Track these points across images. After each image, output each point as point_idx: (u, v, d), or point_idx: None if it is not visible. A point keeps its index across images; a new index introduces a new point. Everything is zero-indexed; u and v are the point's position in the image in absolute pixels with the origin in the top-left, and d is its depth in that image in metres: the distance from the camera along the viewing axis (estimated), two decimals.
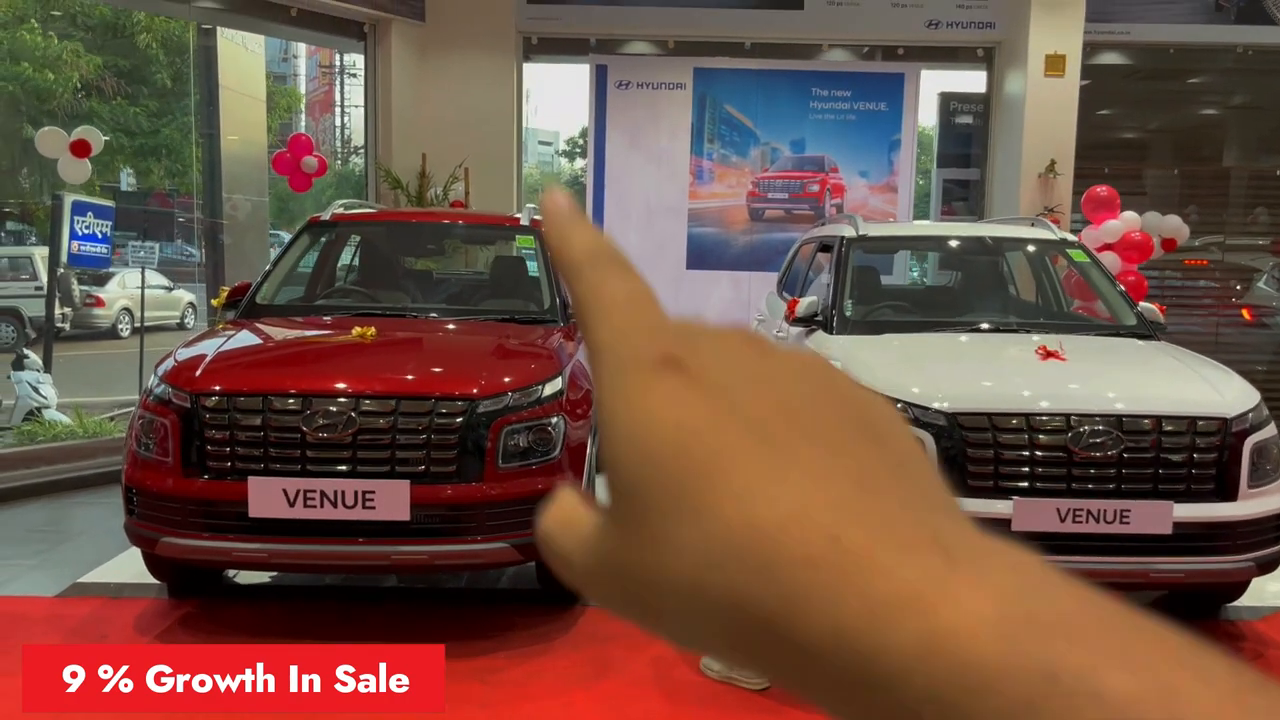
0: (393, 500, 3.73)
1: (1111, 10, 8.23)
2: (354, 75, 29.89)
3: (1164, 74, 9.67)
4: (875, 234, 5.60)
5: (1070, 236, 5.72)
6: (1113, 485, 3.80)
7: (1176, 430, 3.84)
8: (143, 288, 8.68)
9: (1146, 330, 4.87)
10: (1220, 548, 3.86)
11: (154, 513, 3.86)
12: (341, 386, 3.88)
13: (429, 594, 4.57)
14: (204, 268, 9.23)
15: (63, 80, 14.60)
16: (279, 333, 4.67)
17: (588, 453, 4.31)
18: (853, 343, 4.68)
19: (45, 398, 7.36)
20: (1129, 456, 3.79)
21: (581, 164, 30.09)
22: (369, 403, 3.82)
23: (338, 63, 30.94)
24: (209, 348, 4.21)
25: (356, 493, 3.73)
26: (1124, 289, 5.37)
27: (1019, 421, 3.85)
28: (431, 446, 3.80)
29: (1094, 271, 5.38)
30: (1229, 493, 3.85)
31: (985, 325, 4.97)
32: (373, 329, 4.30)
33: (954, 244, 6.09)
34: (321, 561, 3.96)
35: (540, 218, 0.33)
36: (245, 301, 4.93)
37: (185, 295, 15.00)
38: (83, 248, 7.36)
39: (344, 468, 3.77)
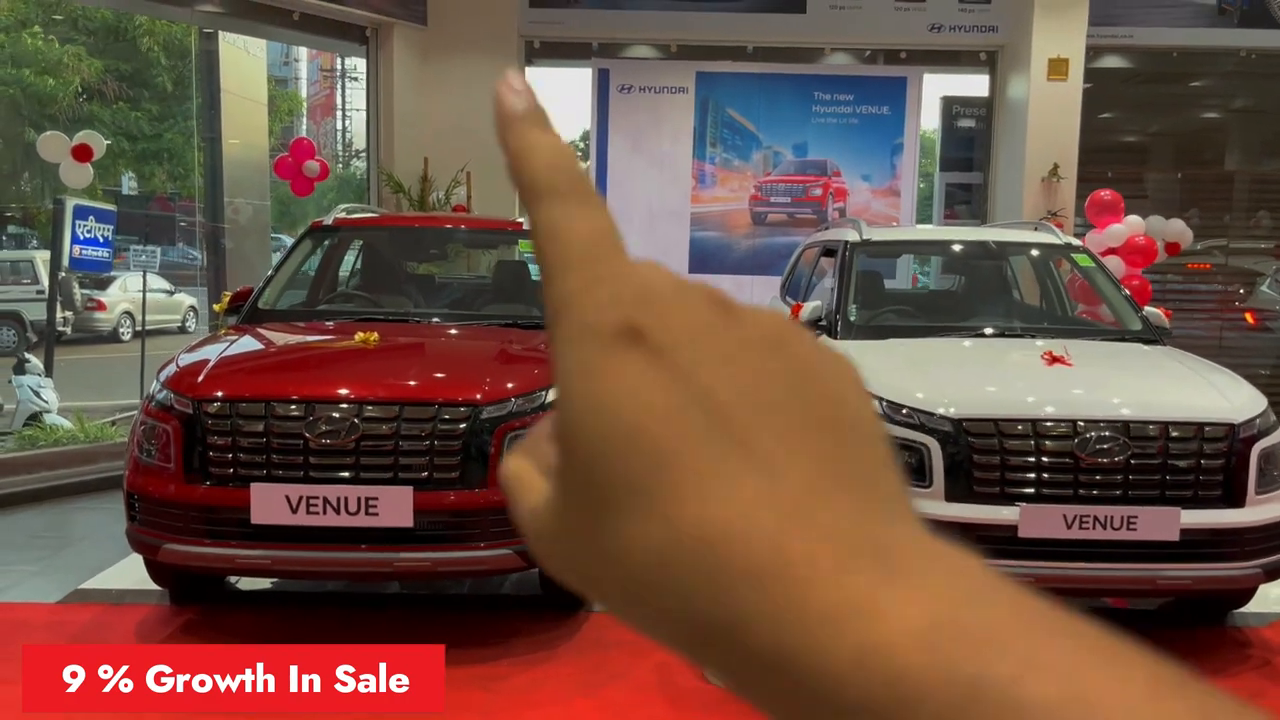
0: (396, 506, 3.72)
1: (1114, 14, 8.22)
2: (355, 79, 29.91)
3: (1165, 78, 9.67)
4: (879, 238, 5.58)
5: (1075, 241, 5.70)
6: (1120, 491, 3.78)
7: (1184, 436, 3.82)
8: (144, 291, 8.67)
9: (1152, 335, 4.84)
10: (1228, 554, 3.84)
11: (156, 519, 3.84)
12: (344, 392, 3.86)
13: (431, 600, 4.55)
14: (206, 271, 9.21)
15: (64, 85, 14.60)
16: (281, 338, 4.65)
17: None
18: (857, 348, 4.66)
19: (46, 402, 7.34)
20: (1136, 463, 3.77)
21: (582, 167, 30.17)
22: (372, 409, 3.80)
23: (339, 66, 30.98)
24: (211, 353, 4.19)
25: (360, 499, 3.71)
26: (1129, 293, 5.36)
27: (1025, 427, 3.83)
28: (435, 453, 3.78)
29: (1099, 276, 5.36)
30: (1236, 499, 3.83)
31: (990, 330, 4.95)
32: (375, 334, 4.28)
33: (959, 248, 6.07)
34: (324, 568, 3.94)
35: (497, 108, 0.31)
36: (248, 307, 4.91)
37: (186, 299, 15.00)
38: (84, 252, 7.35)
39: (347, 474, 3.76)
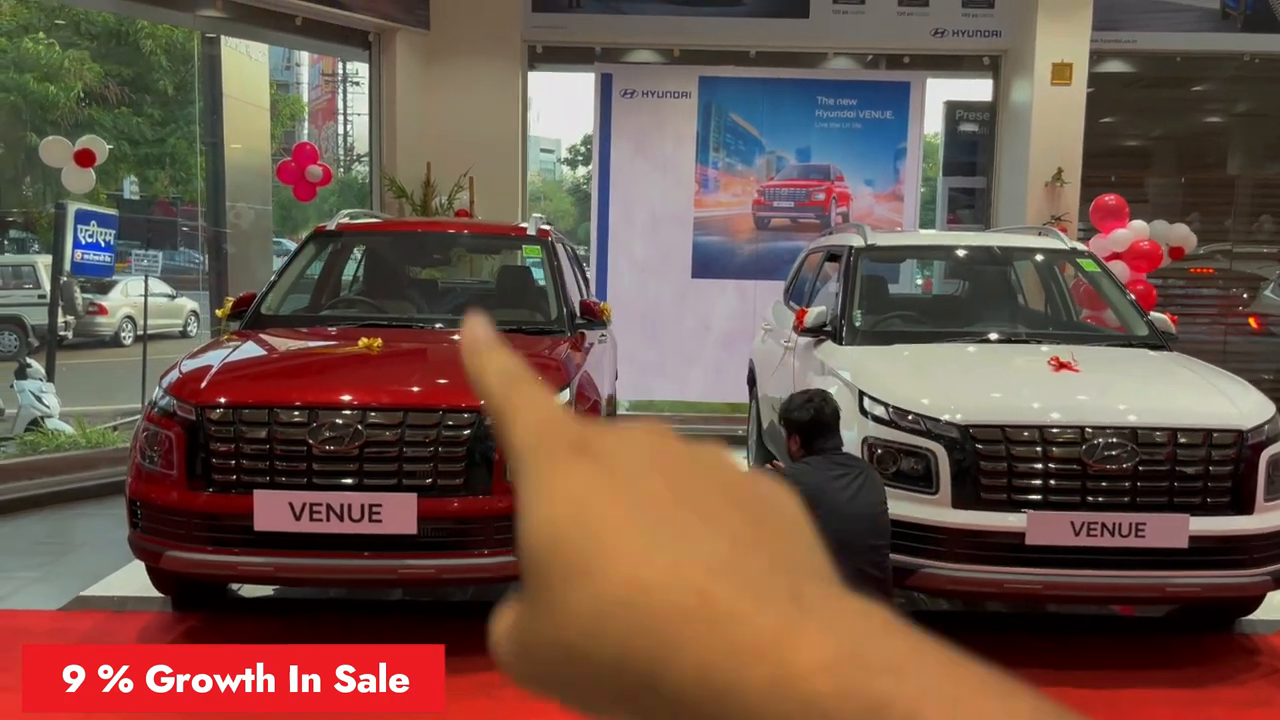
0: (400, 513, 3.70)
1: (1118, 18, 8.20)
2: (356, 83, 29.95)
3: (1167, 82, 9.65)
4: (884, 243, 5.56)
5: (1080, 246, 5.67)
6: (1128, 498, 3.76)
7: (1192, 443, 3.79)
8: (145, 296, 8.66)
9: (1158, 340, 4.82)
10: (1236, 561, 3.82)
11: (158, 526, 3.82)
12: (348, 398, 3.84)
13: (433, 606, 4.52)
14: (208, 276, 9.19)
15: (65, 90, 14.60)
16: (284, 344, 4.63)
17: None
18: (862, 353, 4.64)
19: (48, 407, 7.32)
20: (1144, 469, 3.75)
21: (584, 171, 30.08)
22: (376, 415, 3.78)
23: (340, 71, 31.01)
24: (214, 359, 4.17)
25: (363, 506, 3.69)
26: (1134, 298, 5.33)
27: (1032, 434, 3.81)
28: (439, 459, 3.76)
29: (1104, 281, 5.34)
30: (1245, 506, 3.81)
31: (995, 335, 4.92)
32: (379, 340, 4.26)
33: (964, 253, 6.04)
34: (327, 575, 3.92)
35: (461, 342, 0.37)
36: (250, 312, 4.89)
37: (188, 303, 14.97)
38: (86, 256, 7.33)
39: (350, 480, 3.74)
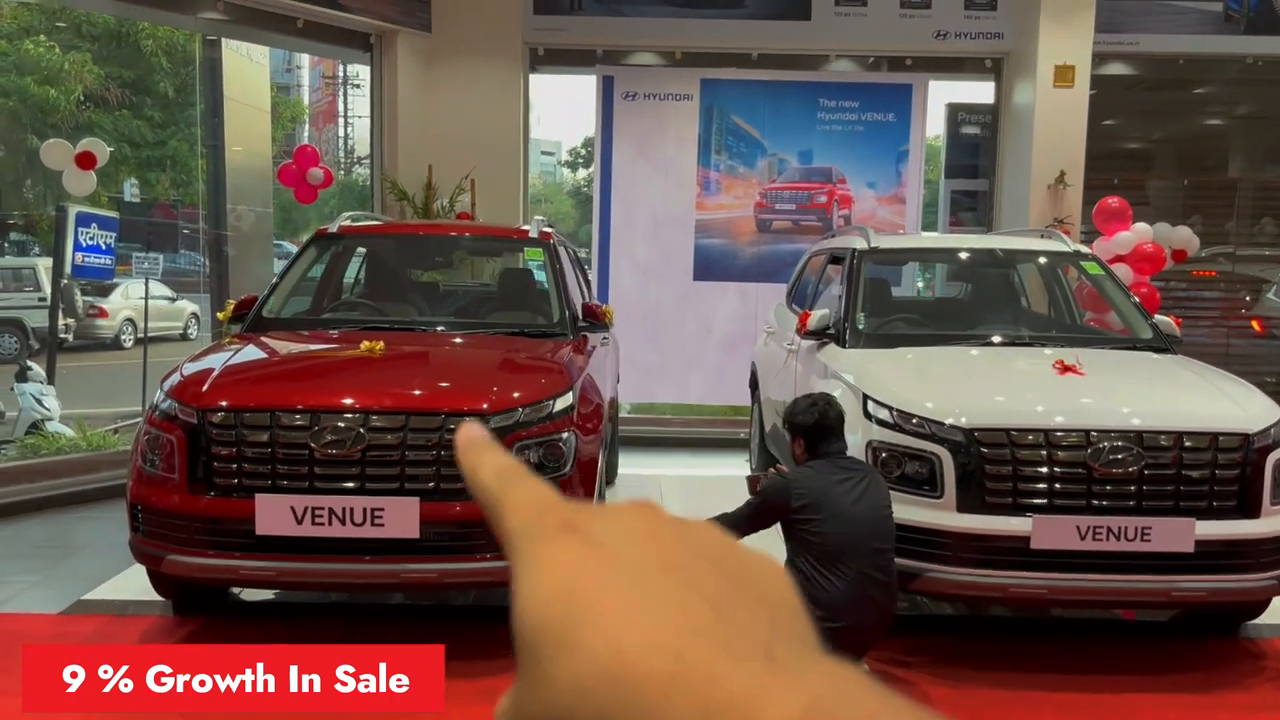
0: (402, 517, 3.68)
1: (1120, 20, 8.19)
2: (357, 86, 29.96)
3: (1169, 84, 9.64)
4: (887, 246, 5.54)
5: (1084, 248, 5.66)
6: (1133, 502, 3.74)
7: (1198, 446, 3.78)
8: (146, 298, 8.65)
9: (1163, 343, 4.80)
10: (1243, 565, 3.80)
11: (159, 530, 3.81)
12: (350, 402, 3.83)
13: (435, 611, 4.51)
14: (209, 279, 9.17)
15: (65, 93, 14.59)
16: (286, 347, 4.61)
17: (599, 468, 4.25)
18: (866, 356, 4.62)
19: (48, 409, 7.31)
20: (1150, 473, 3.74)
21: (584, 174, 30.06)
22: (378, 418, 3.76)
23: (340, 73, 31.02)
24: (216, 362, 4.15)
25: (365, 510, 3.67)
26: (1139, 301, 5.32)
27: (1038, 437, 3.79)
28: (441, 463, 3.74)
29: (1108, 284, 5.32)
30: (1251, 510, 3.79)
31: (999, 339, 4.90)
32: (381, 343, 4.24)
33: (967, 256, 6.02)
34: (329, 580, 3.90)
35: (457, 442, 0.40)
36: (252, 315, 4.87)
37: (188, 306, 14.95)
38: (86, 259, 7.32)
39: (352, 484, 3.72)
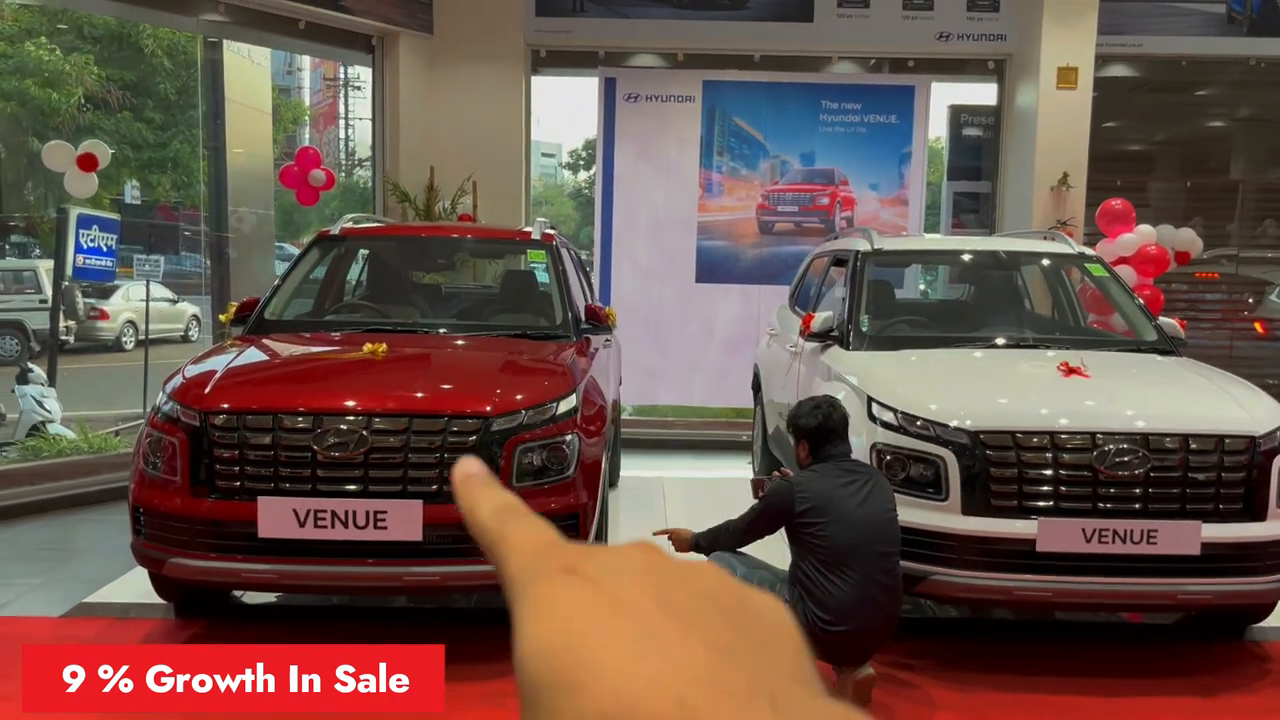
0: (405, 520, 3.67)
1: (1123, 22, 8.18)
2: (358, 87, 29.96)
3: (1171, 86, 9.62)
4: (891, 248, 5.52)
5: (1088, 250, 5.64)
6: (1139, 505, 3.72)
7: (1204, 449, 3.76)
8: (147, 300, 8.63)
9: (1167, 345, 4.79)
10: (1249, 568, 3.78)
11: (161, 533, 3.79)
12: (352, 404, 3.81)
13: (437, 614, 4.49)
14: (210, 281, 9.16)
15: (66, 96, 14.58)
16: (288, 349, 4.59)
17: (602, 470, 4.23)
18: (870, 358, 4.61)
19: (49, 412, 7.29)
20: (1156, 476, 3.72)
21: (585, 176, 30.02)
22: (381, 421, 3.75)
23: (341, 75, 31.02)
24: (218, 365, 4.14)
25: (368, 512, 3.66)
26: (1143, 303, 5.30)
27: (1043, 440, 3.78)
28: (444, 465, 3.72)
29: (1112, 286, 5.31)
30: (1258, 512, 3.78)
31: (1003, 341, 4.89)
32: (384, 345, 4.23)
33: (972, 258, 6.00)
34: (332, 582, 3.88)
35: (454, 480, 0.40)
36: (254, 317, 4.85)
37: (189, 308, 14.93)
38: (88, 261, 7.31)
39: (355, 487, 3.71)
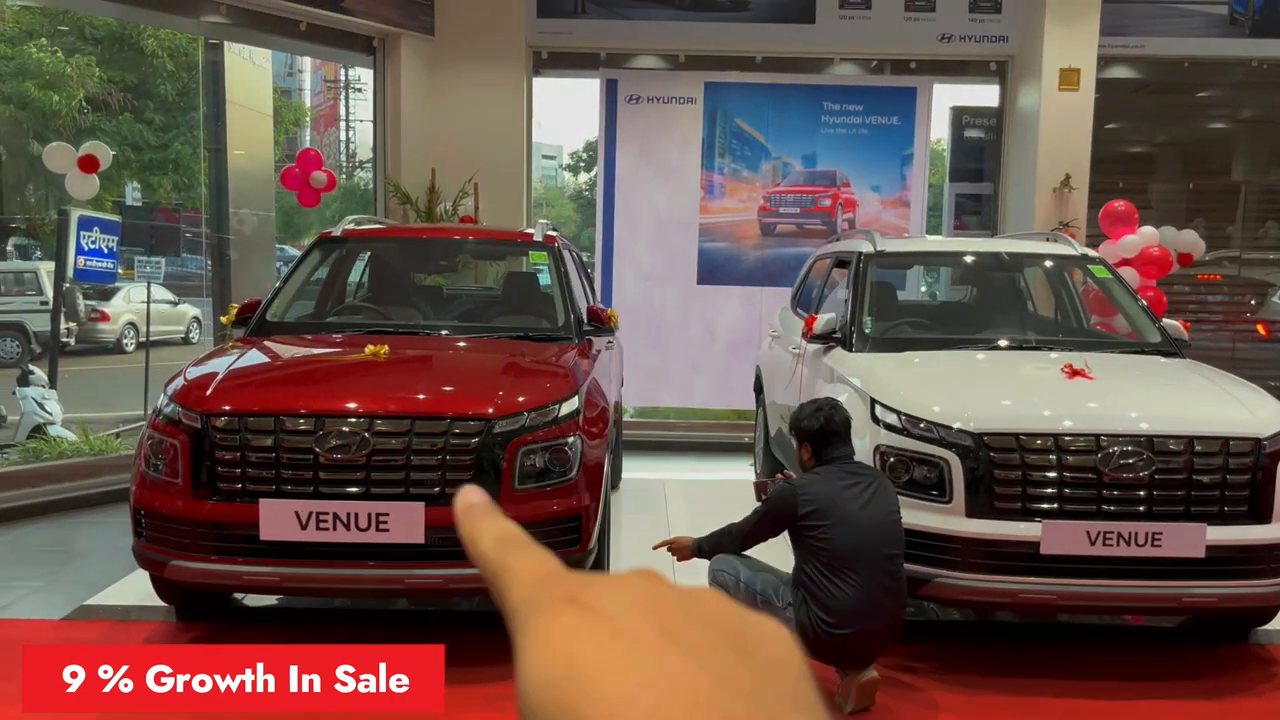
0: (407, 522, 3.66)
1: (1125, 23, 8.17)
2: (359, 89, 29.98)
3: (1173, 87, 9.61)
4: (893, 249, 5.51)
5: (1091, 252, 5.63)
6: (1144, 507, 3.71)
7: (1209, 451, 3.75)
8: (148, 302, 8.63)
9: (1171, 347, 4.78)
10: (1254, 571, 3.77)
11: (163, 535, 3.78)
12: (354, 406, 3.80)
13: (439, 616, 4.48)
14: (211, 283, 9.16)
15: (67, 98, 14.57)
16: (290, 351, 4.58)
17: (604, 472, 4.22)
18: (873, 360, 4.60)
19: (50, 414, 7.28)
20: (1160, 478, 3.71)
21: (586, 178, 30.01)
22: (383, 423, 3.74)
23: (342, 77, 31.03)
24: (219, 366, 4.13)
25: (370, 515, 3.65)
26: (1146, 304, 5.29)
27: (1047, 442, 3.76)
28: (446, 468, 3.72)
29: (1115, 287, 5.30)
30: (1263, 515, 3.77)
31: (1006, 342, 4.88)
32: (386, 347, 4.22)
33: (974, 259, 5.99)
34: (334, 585, 3.87)
35: (455, 509, 0.40)
36: (255, 319, 4.85)
37: (190, 310, 14.93)
38: (88, 263, 7.31)
39: (357, 489, 3.69)
